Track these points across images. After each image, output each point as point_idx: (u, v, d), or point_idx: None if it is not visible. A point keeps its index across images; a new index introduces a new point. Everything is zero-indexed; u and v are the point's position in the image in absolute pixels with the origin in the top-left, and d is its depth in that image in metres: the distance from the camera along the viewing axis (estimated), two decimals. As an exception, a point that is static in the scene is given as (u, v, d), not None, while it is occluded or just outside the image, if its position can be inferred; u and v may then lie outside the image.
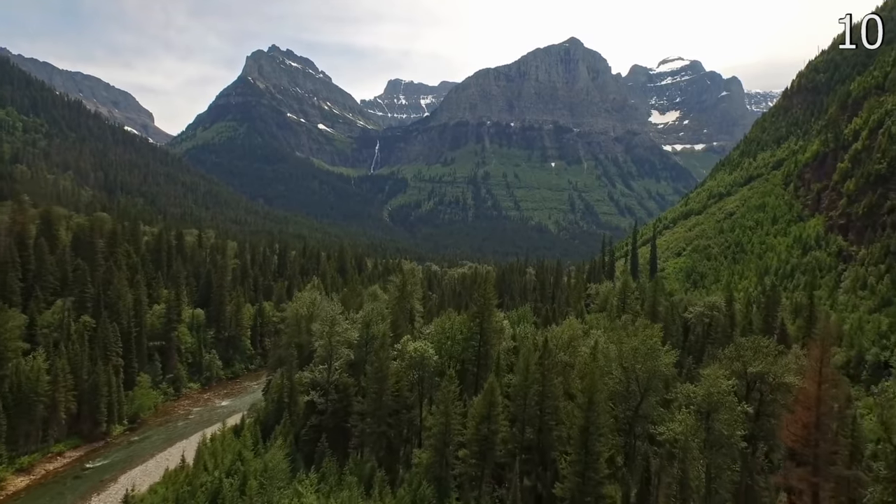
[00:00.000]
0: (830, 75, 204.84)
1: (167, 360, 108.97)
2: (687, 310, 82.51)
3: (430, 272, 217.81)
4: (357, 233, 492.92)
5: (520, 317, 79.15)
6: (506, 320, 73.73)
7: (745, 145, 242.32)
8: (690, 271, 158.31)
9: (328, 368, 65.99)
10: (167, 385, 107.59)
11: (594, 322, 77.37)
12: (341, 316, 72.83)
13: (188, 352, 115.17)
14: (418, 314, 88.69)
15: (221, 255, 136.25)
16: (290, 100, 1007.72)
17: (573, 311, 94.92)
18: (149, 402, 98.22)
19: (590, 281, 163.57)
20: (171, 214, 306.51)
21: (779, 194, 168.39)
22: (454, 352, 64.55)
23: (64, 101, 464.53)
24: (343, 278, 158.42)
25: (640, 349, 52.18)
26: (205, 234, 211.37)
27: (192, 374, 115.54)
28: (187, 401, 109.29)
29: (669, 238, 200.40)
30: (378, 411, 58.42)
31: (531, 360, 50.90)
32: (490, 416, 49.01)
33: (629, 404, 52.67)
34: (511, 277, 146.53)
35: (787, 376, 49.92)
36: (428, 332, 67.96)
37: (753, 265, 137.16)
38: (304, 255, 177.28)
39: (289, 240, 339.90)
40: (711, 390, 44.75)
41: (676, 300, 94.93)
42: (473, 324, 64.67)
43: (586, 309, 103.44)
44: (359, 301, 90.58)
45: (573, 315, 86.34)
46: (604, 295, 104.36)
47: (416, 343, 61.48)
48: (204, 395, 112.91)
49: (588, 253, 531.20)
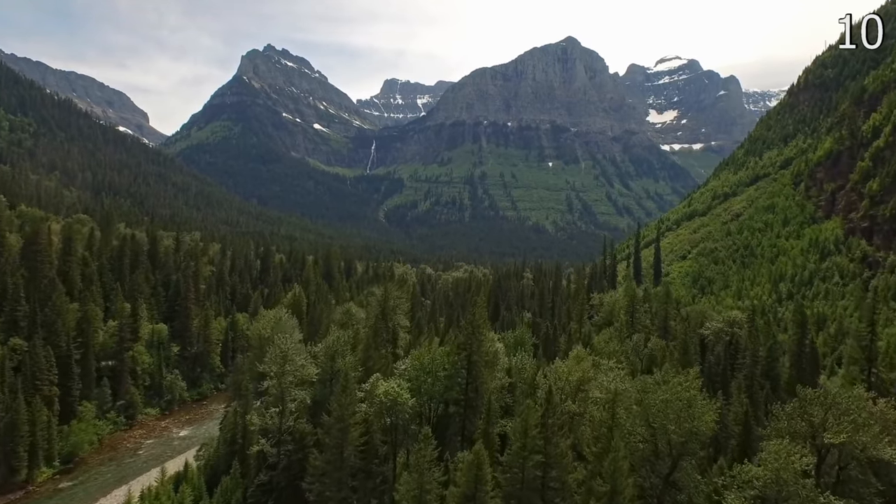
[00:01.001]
0: (839, 70, 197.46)
1: (119, 383, 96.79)
2: (703, 325, 74.58)
3: (424, 276, 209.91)
4: (352, 234, 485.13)
5: (516, 340, 70.29)
6: (500, 342, 64.60)
7: (749, 144, 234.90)
8: (697, 276, 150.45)
9: (281, 412, 56.06)
10: (116, 413, 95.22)
11: (602, 345, 68.38)
12: (300, 346, 63.29)
13: (145, 373, 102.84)
14: (403, 330, 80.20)
15: (195, 261, 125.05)
16: (285, 99, 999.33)
17: (575, 324, 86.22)
18: (90, 437, 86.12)
19: (591, 287, 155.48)
20: (159, 216, 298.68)
21: (788, 194, 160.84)
22: (435, 391, 53.81)
23: (54, 100, 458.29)
24: (329, 285, 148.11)
25: (672, 403, 41.62)
26: (191, 237, 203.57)
27: (151, 398, 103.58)
28: (141, 430, 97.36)
29: (673, 240, 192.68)
30: (338, 471, 47.70)
31: (530, 421, 39.06)
32: (476, 496, 38.48)
33: (657, 471, 42.46)
34: (507, 284, 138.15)
35: (882, 448, 37.39)
36: (403, 367, 56.84)
37: (765, 270, 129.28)
38: (290, 259, 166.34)
39: (280, 241, 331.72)
40: (781, 474, 33.31)
41: (688, 311, 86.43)
42: (459, 357, 54.39)
43: (590, 321, 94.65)
44: (326, 325, 79.07)
45: (576, 334, 77.56)
46: (609, 306, 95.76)
47: (387, 383, 51.52)
48: (162, 423, 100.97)
49: (586, 253, 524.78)
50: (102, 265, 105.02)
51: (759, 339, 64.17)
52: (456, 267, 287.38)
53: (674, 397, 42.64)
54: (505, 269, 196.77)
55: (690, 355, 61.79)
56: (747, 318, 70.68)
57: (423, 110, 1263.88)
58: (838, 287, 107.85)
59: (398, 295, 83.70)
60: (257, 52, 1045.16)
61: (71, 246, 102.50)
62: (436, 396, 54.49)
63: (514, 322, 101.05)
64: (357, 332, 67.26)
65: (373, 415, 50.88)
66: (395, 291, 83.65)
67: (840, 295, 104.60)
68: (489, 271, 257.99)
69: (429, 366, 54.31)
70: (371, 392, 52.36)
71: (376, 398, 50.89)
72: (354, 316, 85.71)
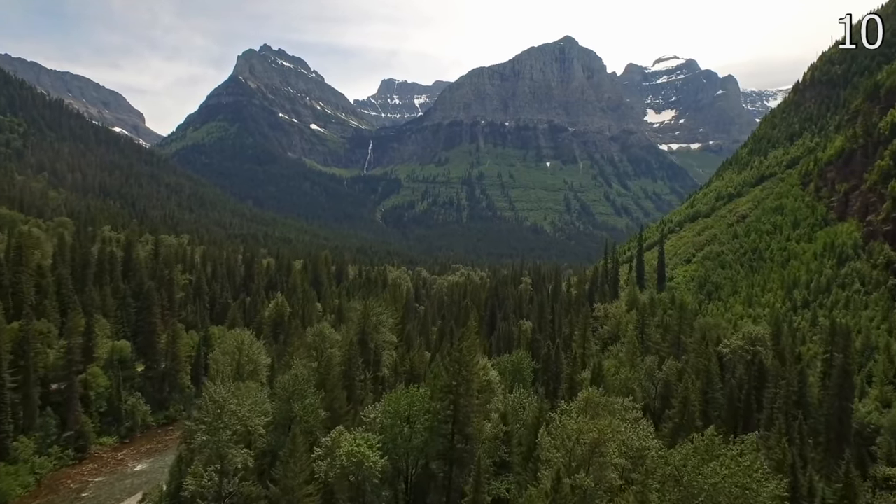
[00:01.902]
0: (848, 67, 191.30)
1: (68, 411, 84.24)
2: (720, 342, 67.99)
3: (420, 279, 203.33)
4: (348, 235, 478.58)
5: (514, 366, 63.25)
6: (494, 368, 57.06)
7: (753, 143, 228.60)
8: (704, 281, 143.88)
9: (220, 472, 47.47)
10: (63, 447, 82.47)
11: (612, 373, 60.80)
12: (250, 386, 54.11)
13: (101, 398, 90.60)
14: (390, 346, 73.25)
15: (169, 269, 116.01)
16: (281, 100, 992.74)
17: (578, 342, 78.89)
18: (24, 479, 73.99)
19: (592, 292, 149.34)
20: (150, 217, 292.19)
21: (797, 195, 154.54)
22: (414, 444, 45.11)
23: (45, 100, 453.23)
24: (318, 292, 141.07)
25: (721, 488, 32.90)
26: (179, 240, 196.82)
27: (108, 426, 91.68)
28: (93, 465, 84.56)
29: (676, 243, 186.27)
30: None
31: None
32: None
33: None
34: (505, 291, 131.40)
35: None
36: (374, 416, 47.63)
37: (776, 275, 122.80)
38: (278, 263, 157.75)
39: (274, 244, 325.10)
40: None
41: (701, 325, 79.47)
42: (443, 404, 45.56)
43: (594, 334, 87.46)
44: (296, 346, 70.07)
45: (580, 357, 70.37)
46: (615, 319, 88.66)
47: (352, 439, 43.09)
48: (118, 454, 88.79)
49: (584, 253, 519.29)
50: (62, 276, 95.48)
51: (784, 359, 57.78)
52: (453, 269, 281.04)
53: (727, 482, 33.92)
54: (502, 274, 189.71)
55: (714, 384, 55.16)
56: (770, 334, 64.25)
57: (420, 110, 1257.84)
58: (860, 295, 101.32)
59: (381, 311, 76.34)
60: (253, 52, 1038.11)
61: (22, 255, 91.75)
62: (414, 451, 45.91)
63: (512, 333, 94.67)
64: (330, 358, 59.59)
65: (334, 478, 42.48)
66: (377, 307, 76.51)
67: (863, 304, 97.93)
68: (486, 274, 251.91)
69: (406, 411, 45.68)
70: (332, 449, 43.96)
71: (337, 459, 42.77)
72: (329, 338, 74.35)
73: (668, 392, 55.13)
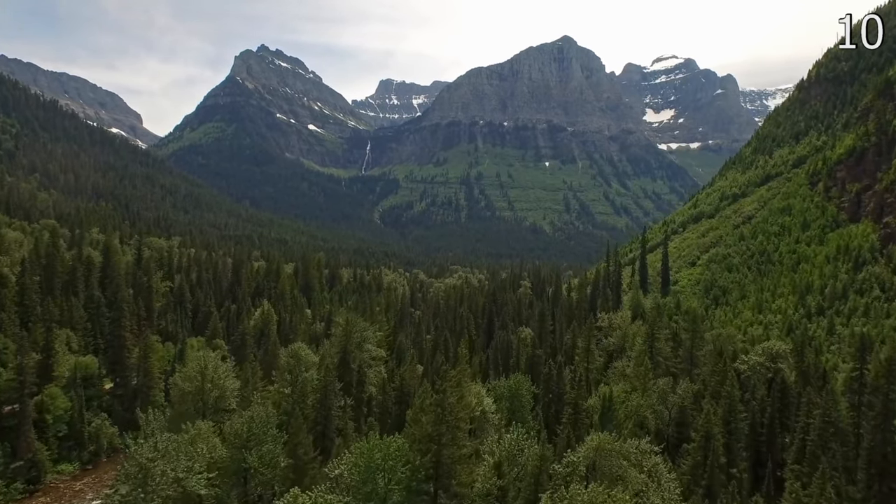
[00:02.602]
0: (855, 63, 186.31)
1: (18, 438, 74.43)
2: (737, 357, 62.60)
3: (417, 282, 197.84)
4: (346, 235, 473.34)
5: (511, 392, 57.19)
6: (489, 395, 51.16)
7: (757, 142, 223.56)
8: (710, 285, 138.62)
9: None
10: (10, 479, 72.82)
11: (621, 400, 55.09)
12: (182, 446, 45.21)
13: (60, 420, 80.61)
14: (378, 362, 67.71)
15: (148, 276, 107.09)
16: (279, 100, 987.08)
17: (582, 360, 73.06)
18: None
19: (594, 297, 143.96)
20: (144, 219, 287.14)
21: (805, 195, 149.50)
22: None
23: (38, 100, 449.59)
24: (307, 298, 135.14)
25: None
26: (168, 243, 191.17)
27: (68, 451, 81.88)
28: (45, 498, 74.83)
29: (680, 244, 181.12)
30: None
31: None
32: None
33: None
34: (503, 297, 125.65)
35: None
36: (338, 472, 39.82)
37: (787, 279, 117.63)
38: (267, 267, 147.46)
39: (270, 245, 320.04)
40: None
41: (714, 336, 73.78)
42: (424, 459, 38.84)
43: (598, 345, 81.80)
44: (257, 379, 63.29)
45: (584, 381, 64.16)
46: (622, 330, 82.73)
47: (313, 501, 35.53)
48: (77, 484, 78.45)
49: (584, 253, 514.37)
50: (25, 284, 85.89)
51: (809, 378, 52.58)
52: (451, 271, 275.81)
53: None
54: (501, 278, 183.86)
55: (736, 411, 49.68)
56: (793, 351, 58.80)
57: (418, 111, 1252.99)
58: (880, 303, 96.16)
59: (365, 326, 70.64)
60: (251, 53, 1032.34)
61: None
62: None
63: (510, 344, 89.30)
64: (304, 385, 53.75)
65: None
66: (361, 322, 70.87)
67: (884, 312, 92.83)
68: (485, 276, 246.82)
69: (379, 463, 38.66)
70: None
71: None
72: (305, 360, 66.88)
73: (684, 418, 50.06)
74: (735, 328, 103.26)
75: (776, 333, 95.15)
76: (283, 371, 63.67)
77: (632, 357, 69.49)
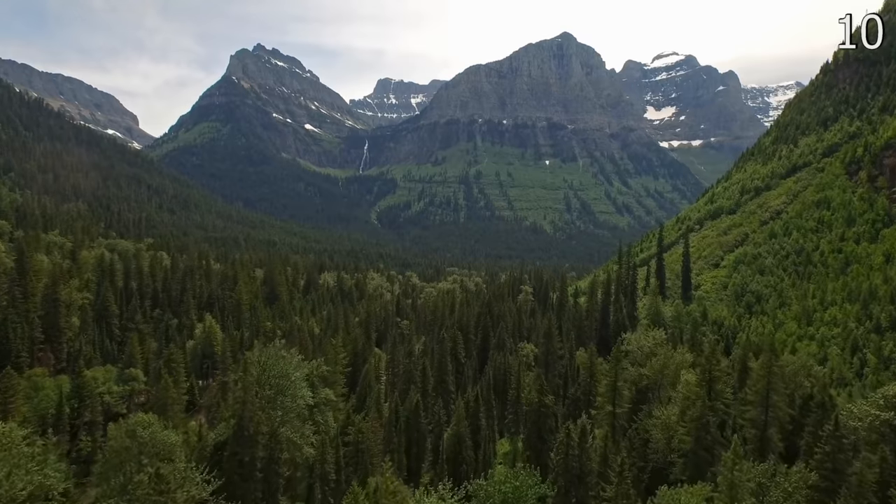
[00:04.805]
0: (890, 41, 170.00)
1: None
2: (838, 409, 43.92)
3: (408, 286, 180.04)
4: (341, 237, 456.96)
5: (508, 499, 38.96)
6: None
7: (778, 130, 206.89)
8: (741, 290, 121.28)
9: None
10: None
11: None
12: None
13: None
14: (331, 407, 49.80)
15: (54, 287, 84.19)
16: (275, 100, 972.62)
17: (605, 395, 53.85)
18: None
19: (606, 305, 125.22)
20: (123, 220, 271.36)
21: (844, 186, 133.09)
22: None
23: (22, 99, 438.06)
24: (271, 309, 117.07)
25: None
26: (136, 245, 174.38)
27: None
28: None
29: (699, 243, 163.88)
30: None
31: None
32: None
33: None
34: (501, 307, 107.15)
35: None
36: None
37: (837, 284, 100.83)
38: (222, 273, 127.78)
39: (256, 247, 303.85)
40: None
41: (783, 368, 53.87)
42: None
43: (622, 374, 60.95)
44: None
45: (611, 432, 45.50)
46: (659, 361, 59.57)
47: None
48: None
49: (586, 253, 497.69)
50: None
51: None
52: (447, 274, 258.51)
53: None
54: (499, 283, 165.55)
55: (826, 471, 32.44)
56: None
57: (416, 110, 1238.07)
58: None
59: (298, 363, 50.43)
60: (247, 52, 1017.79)
61: None
62: None
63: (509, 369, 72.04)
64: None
65: None
66: (294, 358, 51.78)
67: None
68: (483, 279, 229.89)
69: None
70: None
71: None
72: (160, 442, 41.84)
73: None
74: (779, 343, 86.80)
75: (835, 352, 78.77)
76: (122, 461, 39.46)
77: (681, 405, 49.50)
